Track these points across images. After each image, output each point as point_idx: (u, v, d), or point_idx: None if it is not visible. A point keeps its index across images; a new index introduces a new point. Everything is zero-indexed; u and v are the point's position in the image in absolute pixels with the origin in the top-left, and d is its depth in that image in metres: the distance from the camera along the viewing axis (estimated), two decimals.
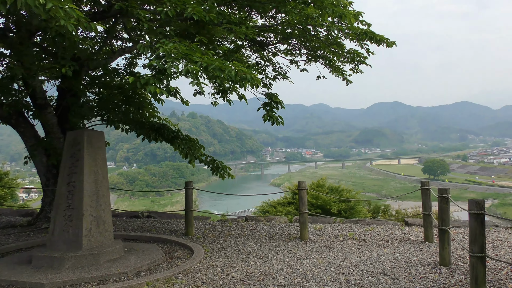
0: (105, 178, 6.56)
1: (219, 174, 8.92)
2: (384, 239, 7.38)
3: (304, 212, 7.44)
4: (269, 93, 7.36)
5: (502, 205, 79.35)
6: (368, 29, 7.62)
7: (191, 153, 8.24)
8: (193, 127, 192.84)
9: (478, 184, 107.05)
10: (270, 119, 6.98)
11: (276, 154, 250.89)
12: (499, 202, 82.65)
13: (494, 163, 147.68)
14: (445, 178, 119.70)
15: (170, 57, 4.72)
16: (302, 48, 9.49)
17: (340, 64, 9.04)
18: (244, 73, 4.85)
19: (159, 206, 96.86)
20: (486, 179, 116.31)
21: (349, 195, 16.23)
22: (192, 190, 8.06)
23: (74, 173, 6.22)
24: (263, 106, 7.20)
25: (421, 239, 7.20)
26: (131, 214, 10.38)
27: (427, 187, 6.93)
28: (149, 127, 8.54)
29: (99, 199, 6.35)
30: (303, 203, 7.50)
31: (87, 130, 6.43)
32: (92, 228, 6.16)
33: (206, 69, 4.97)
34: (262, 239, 7.63)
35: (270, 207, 15.58)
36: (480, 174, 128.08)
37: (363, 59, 8.54)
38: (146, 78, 4.68)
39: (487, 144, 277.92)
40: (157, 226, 8.93)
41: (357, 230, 8.20)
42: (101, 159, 6.52)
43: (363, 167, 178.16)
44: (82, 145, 6.23)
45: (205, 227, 8.87)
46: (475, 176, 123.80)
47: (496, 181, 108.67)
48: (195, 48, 5.13)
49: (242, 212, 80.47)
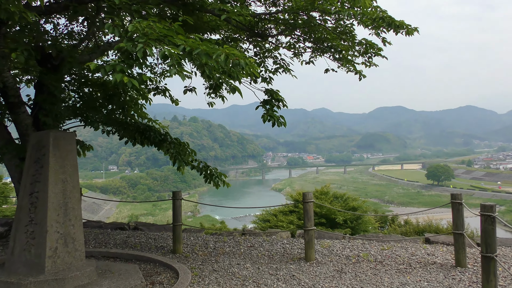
0: (76, 188, 5.52)
1: (213, 182, 7.85)
2: (405, 261, 6.29)
3: (310, 229, 6.37)
4: (269, 90, 6.32)
5: (509, 212, 77.88)
6: (385, 13, 6.57)
7: (180, 158, 7.18)
8: (194, 132, 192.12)
9: (484, 190, 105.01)
10: (271, 119, 5.94)
11: (277, 158, 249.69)
12: (506, 208, 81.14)
13: (500, 169, 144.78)
14: (449, 183, 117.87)
15: (143, 37, 3.70)
16: (307, 42, 8.46)
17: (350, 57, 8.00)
18: (237, 58, 3.82)
19: (160, 210, 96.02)
20: (492, 185, 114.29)
21: (355, 204, 15.20)
22: (180, 201, 7.02)
23: (37, 182, 5.18)
24: (262, 104, 6.17)
25: (451, 263, 6.09)
26: (116, 225, 9.33)
27: (459, 201, 5.83)
28: (134, 129, 7.50)
29: (68, 213, 5.31)
30: (309, 218, 6.42)
31: (54, 131, 5.39)
32: (58, 247, 5.11)
33: (190, 54, 3.95)
34: (260, 259, 6.57)
35: (271, 216, 14.60)
36: (485, 180, 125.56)
37: (377, 50, 7.47)
38: (112, 63, 3.66)
39: (492, 149, 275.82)
40: (142, 241, 7.86)
41: (371, 249, 7.12)
42: (71, 165, 5.47)
43: (365, 172, 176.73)
44: (48, 149, 5.19)
45: (197, 242, 7.80)
46: (481, 182, 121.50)
47: (502, 187, 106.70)
48: (177, 29, 4.11)
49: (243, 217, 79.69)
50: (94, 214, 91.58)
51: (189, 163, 7.50)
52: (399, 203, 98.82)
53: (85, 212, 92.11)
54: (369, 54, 7.72)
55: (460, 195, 5.99)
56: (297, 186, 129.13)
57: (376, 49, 7.56)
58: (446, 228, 13.16)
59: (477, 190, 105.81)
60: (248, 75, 4.30)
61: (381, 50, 7.64)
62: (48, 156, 5.14)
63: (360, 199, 17.14)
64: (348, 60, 7.39)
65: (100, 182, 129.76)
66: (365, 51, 7.78)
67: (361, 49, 7.79)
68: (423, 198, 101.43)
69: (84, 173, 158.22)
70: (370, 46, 7.54)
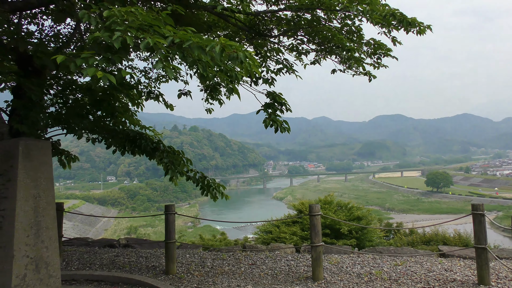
0: (51, 204, 4.85)
1: (210, 195, 7.17)
2: (423, 279, 5.64)
3: (318, 245, 5.71)
4: (271, 92, 5.70)
5: (507, 218, 77.58)
6: (396, 10, 5.99)
7: (173, 168, 6.52)
8: (194, 141, 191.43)
9: (482, 196, 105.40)
10: (273, 124, 5.32)
11: (278, 167, 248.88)
12: (503, 214, 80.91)
13: (497, 175, 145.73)
14: (448, 190, 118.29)
15: (123, 25, 3.10)
16: (311, 43, 7.87)
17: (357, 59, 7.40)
18: (235, 50, 3.22)
19: (160, 221, 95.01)
20: (489, 191, 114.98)
21: (359, 213, 14.64)
22: (174, 216, 6.35)
23: (4, 198, 4.51)
24: (264, 108, 5.55)
25: (472, 280, 5.45)
26: (106, 242, 8.64)
27: (480, 212, 5.22)
28: (124, 136, 6.85)
29: (40, 233, 4.64)
30: (316, 232, 5.76)
31: (25, 139, 4.73)
32: (27, 274, 4.43)
33: (180, 47, 3.34)
34: (263, 280, 5.90)
35: (273, 227, 13.97)
36: (483, 186, 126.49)
37: (386, 51, 6.88)
38: (85, 55, 3.06)
39: (489, 156, 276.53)
40: (132, 260, 7.17)
41: (383, 265, 6.46)
42: (45, 178, 4.81)
43: (366, 180, 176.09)
44: (16, 160, 4.53)
45: (192, 260, 7.12)
46: (479, 188, 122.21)
47: (499, 193, 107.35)
48: (165, 18, 3.51)
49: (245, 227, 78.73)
50: (91, 227, 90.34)
51: (184, 174, 6.84)
52: (400, 210, 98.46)
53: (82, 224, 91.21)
54: (378, 55, 7.12)
55: (481, 205, 5.39)
56: (298, 194, 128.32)
57: (386, 50, 6.97)
58: (453, 237, 12.53)
59: (475, 196, 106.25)
60: (248, 73, 3.68)
61: (391, 50, 7.06)
62: (16, 168, 4.48)
63: (364, 208, 16.59)
64: (357, 59, 6.77)
65: (98, 193, 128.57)
66: (374, 52, 7.19)
67: (369, 49, 7.20)
68: (423, 205, 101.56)
69: (82, 184, 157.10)
70: (379, 47, 6.95)
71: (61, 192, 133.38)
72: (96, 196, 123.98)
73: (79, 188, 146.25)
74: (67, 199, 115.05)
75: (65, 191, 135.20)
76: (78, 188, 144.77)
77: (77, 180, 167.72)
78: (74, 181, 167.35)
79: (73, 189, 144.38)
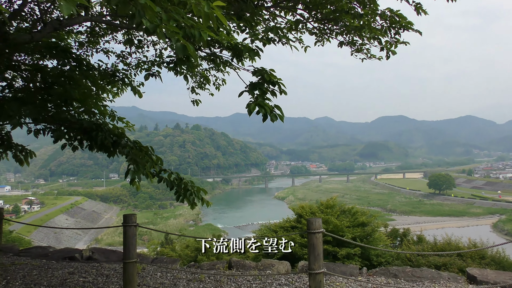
0: None
1: (187, 201, 5.77)
2: None
3: (319, 272, 4.29)
4: (259, 69, 4.31)
5: (510, 221, 76.28)
6: None
7: (135, 168, 5.14)
8: (197, 140, 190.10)
9: (485, 199, 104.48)
10: (260, 110, 3.95)
11: (280, 167, 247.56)
12: (506, 217, 79.58)
13: (500, 178, 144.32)
14: (450, 192, 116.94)
15: None
16: (312, 22, 6.50)
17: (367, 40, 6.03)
18: None
19: (161, 219, 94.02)
20: (492, 194, 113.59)
21: (364, 219, 13.39)
22: (135, 228, 4.97)
23: None
24: (249, 88, 4.17)
25: None
26: (67, 253, 7.26)
27: None
28: (78, 128, 5.49)
29: None
30: (315, 256, 4.33)
31: None
32: None
33: None
34: None
35: (270, 232, 12.75)
36: (486, 189, 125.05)
37: (407, 24, 5.49)
38: None
39: (492, 158, 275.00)
40: (89, 280, 5.78)
41: None
42: None
43: (368, 181, 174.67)
44: None
45: (162, 282, 5.73)
46: (481, 191, 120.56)
47: (502, 196, 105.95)
48: None
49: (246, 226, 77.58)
50: (93, 223, 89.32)
51: (149, 175, 5.44)
52: (402, 211, 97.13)
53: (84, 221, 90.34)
54: (396, 29, 5.72)
55: None
56: (300, 194, 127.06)
57: (406, 23, 5.58)
58: (467, 246, 11.21)
59: (478, 199, 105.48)
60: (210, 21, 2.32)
61: (412, 24, 5.67)
62: None
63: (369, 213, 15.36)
64: (373, 29, 5.35)
65: (101, 191, 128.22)
66: (390, 27, 5.80)
67: (384, 24, 5.81)
68: (425, 207, 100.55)
69: (85, 181, 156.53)
70: (397, 20, 5.55)
71: (64, 188, 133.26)
72: (98, 193, 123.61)
73: (82, 185, 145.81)
74: (70, 195, 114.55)
75: (68, 188, 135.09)
76: (81, 185, 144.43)
77: (80, 177, 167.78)
78: (77, 178, 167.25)
79: (76, 185, 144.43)
